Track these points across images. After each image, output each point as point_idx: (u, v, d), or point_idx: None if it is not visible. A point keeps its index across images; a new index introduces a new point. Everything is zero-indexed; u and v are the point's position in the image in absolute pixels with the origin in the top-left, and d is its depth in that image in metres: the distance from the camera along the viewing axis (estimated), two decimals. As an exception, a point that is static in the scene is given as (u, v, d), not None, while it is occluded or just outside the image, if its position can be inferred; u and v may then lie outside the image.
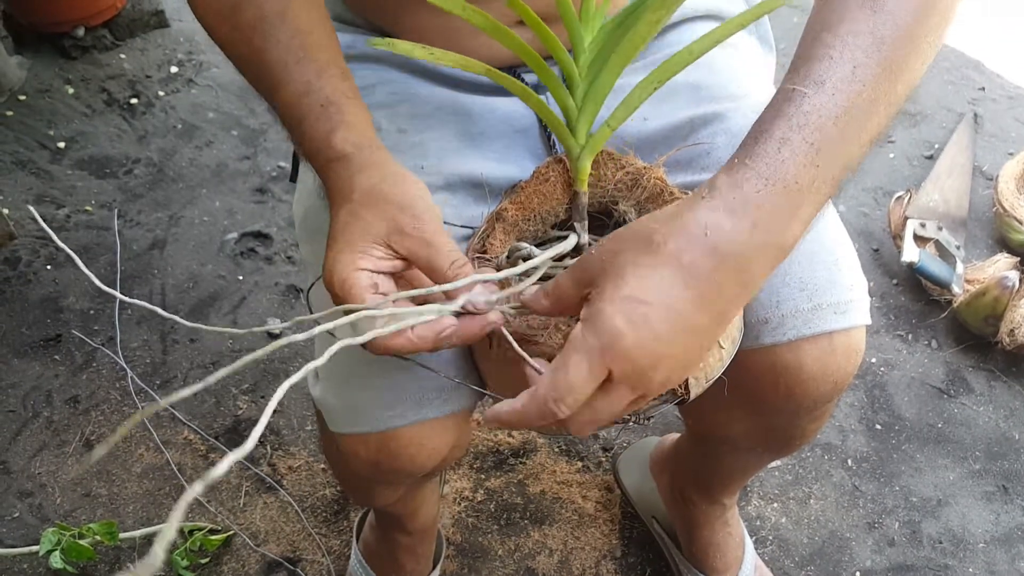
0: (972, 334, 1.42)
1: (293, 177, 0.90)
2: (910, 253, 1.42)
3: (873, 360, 1.41)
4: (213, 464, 1.25)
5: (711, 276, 0.48)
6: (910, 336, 1.45)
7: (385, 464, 0.70)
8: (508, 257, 0.64)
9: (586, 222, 0.66)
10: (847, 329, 0.67)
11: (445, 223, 0.60)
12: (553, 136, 0.76)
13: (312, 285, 0.73)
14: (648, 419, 0.65)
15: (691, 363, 0.51)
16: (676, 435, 1.13)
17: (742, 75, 0.77)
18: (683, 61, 0.57)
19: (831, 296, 0.67)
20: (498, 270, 0.65)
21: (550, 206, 0.69)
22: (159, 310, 0.51)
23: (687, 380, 0.60)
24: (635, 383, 0.50)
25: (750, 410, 0.76)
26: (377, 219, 0.57)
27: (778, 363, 0.68)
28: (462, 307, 0.56)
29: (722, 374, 0.64)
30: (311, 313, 0.72)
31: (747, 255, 0.49)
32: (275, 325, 0.56)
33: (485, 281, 0.57)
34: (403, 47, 0.57)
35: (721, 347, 0.62)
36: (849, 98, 0.51)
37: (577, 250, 0.65)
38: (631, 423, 0.64)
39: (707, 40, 0.56)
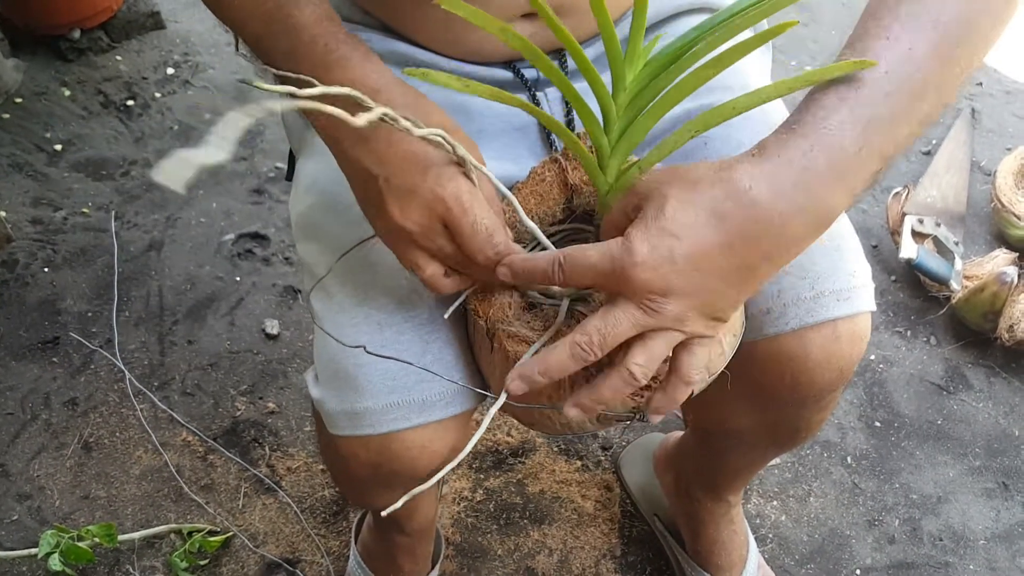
0: (971, 330, 1.42)
1: (289, 176, 0.90)
2: (908, 249, 1.42)
3: (872, 357, 1.41)
4: (212, 465, 1.25)
5: (743, 227, 0.50)
6: (909, 333, 1.44)
7: (385, 467, 0.70)
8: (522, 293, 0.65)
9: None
10: (851, 316, 0.67)
11: None
12: (552, 134, 0.76)
13: (313, 287, 0.73)
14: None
15: (710, 307, 0.53)
16: (680, 432, 1.13)
17: (741, 67, 0.77)
18: (727, 114, 0.55)
19: (833, 283, 0.67)
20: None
21: (547, 207, 0.69)
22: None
23: None
24: (645, 303, 0.51)
25: (756, 402, 0.76)
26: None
27: (783, 352, 0.68)
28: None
29: (725, 368, 0.65)
30: (313, 317, 0.72)
31: (785, 213, 0.50)
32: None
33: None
34: (440, 79, 0.56)
35: (722, 342, 0.62)
36: (901, 77, 0.52)
37: (581, 299, 0.65)
38: (633, 420, 0.64)
39: (753, 97, 0.54)
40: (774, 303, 0.67)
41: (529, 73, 0.76)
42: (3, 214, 1.54)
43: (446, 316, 0.65)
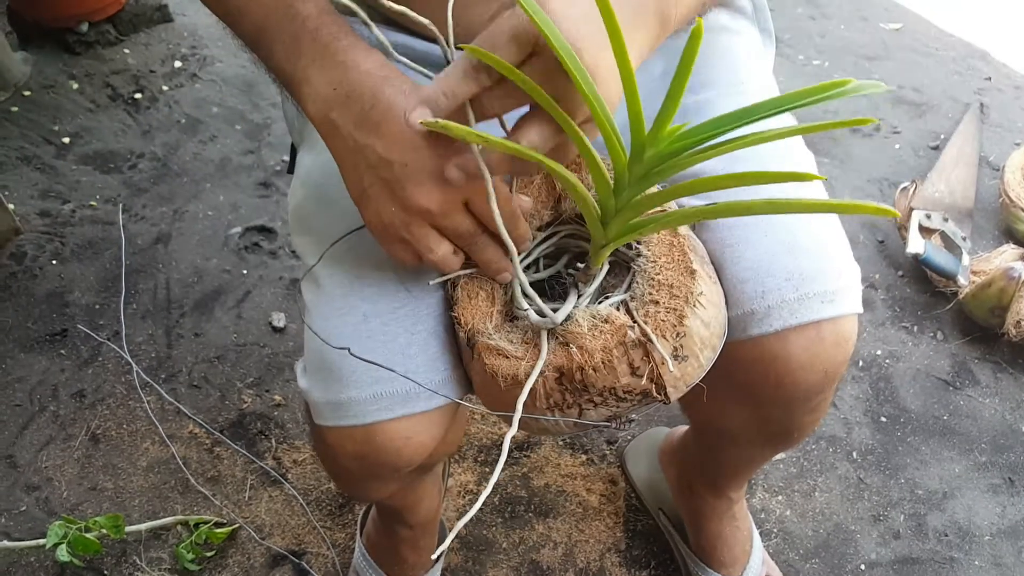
0: (978, 325, 1.42)
1: (291, 169, 0.90)
2: (915, 244, 1.42)
3: (878, 352, 1.40)
4: (218, 458, 1.26)
5: None
6: (915, 328, 1.44)
7: (371, 458, 0.70)
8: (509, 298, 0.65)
9: (594, 286, 0.66)
10: (835, 318, 0.67)
11: None
12: None
13: (303, 277, 0.73)
14: (630, 421, 0.65)
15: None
16: (685, 427, 1.13)
17: (740, 63, 0.77)
18: (740, 211, 0.54)
19: (818, 285, 0.66)
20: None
21: (535, 210, 0.69)
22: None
23: (665, 388, 0.61)
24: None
25: (744, 403, 0.76)
26: None
27: (766, 353, 0.68)
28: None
29: (714, 364, 0.65)
30: (301, 312, 0.72)
31: None
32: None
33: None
34: (457, 131, 0.54)
35: (699, 356, 0.62)
36: None
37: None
38: (612, 426, 0.64)
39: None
40: (758, 305, 0.67)
41: None
42: (11, 207, 1.55)
43: (436, 280, 0.68)
